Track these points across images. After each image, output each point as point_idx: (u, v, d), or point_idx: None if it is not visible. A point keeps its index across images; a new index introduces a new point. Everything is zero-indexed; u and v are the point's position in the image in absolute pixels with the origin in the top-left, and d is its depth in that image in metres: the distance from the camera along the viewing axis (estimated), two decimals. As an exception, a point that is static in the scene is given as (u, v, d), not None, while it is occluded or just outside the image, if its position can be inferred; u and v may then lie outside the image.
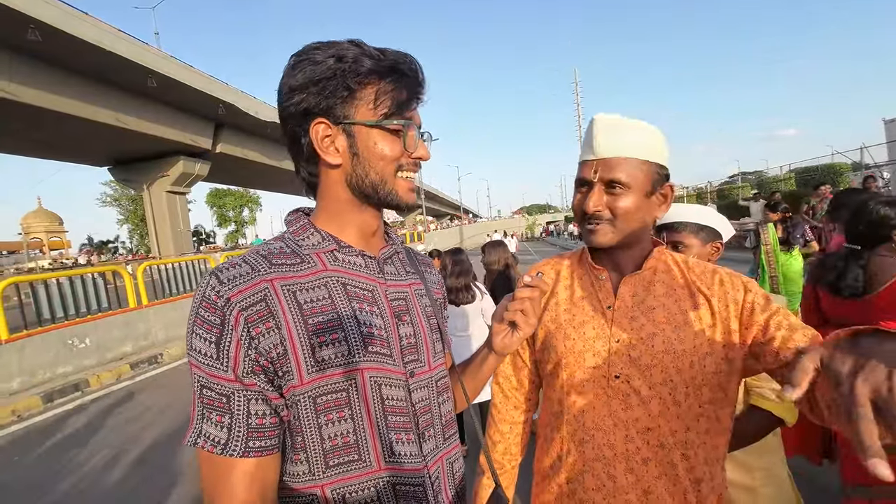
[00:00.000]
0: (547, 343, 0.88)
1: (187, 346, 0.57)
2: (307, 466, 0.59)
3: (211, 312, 0.55)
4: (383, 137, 0.63)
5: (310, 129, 0.62)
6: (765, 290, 0.81)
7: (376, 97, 0.61)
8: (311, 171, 0.66)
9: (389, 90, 0.62)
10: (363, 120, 0.62)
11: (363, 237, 0.68)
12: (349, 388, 0.60)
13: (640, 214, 0.80)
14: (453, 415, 0.75)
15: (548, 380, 0.91)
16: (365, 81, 0.61)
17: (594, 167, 0.79)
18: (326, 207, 0.67)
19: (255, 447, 0.56)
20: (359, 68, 0.60)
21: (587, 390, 0.82)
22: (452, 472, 0.71)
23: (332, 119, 0.61)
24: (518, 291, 0.74)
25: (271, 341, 0.56)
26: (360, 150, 0.63)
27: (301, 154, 0.64)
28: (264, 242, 0.65)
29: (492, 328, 0.79)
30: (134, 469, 3.26)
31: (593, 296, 0.86)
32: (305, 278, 0.61)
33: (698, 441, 0.78)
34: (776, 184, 17.84)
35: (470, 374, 0.83)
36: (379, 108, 0.62)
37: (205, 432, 0.55)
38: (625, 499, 0.77)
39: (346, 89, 0.60)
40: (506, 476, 0.98)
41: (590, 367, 0.82)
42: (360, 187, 0.64)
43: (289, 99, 0.61)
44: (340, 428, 0.59)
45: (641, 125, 0.79)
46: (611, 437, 0.79)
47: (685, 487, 0.77)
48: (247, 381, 0.55)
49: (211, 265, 8.98)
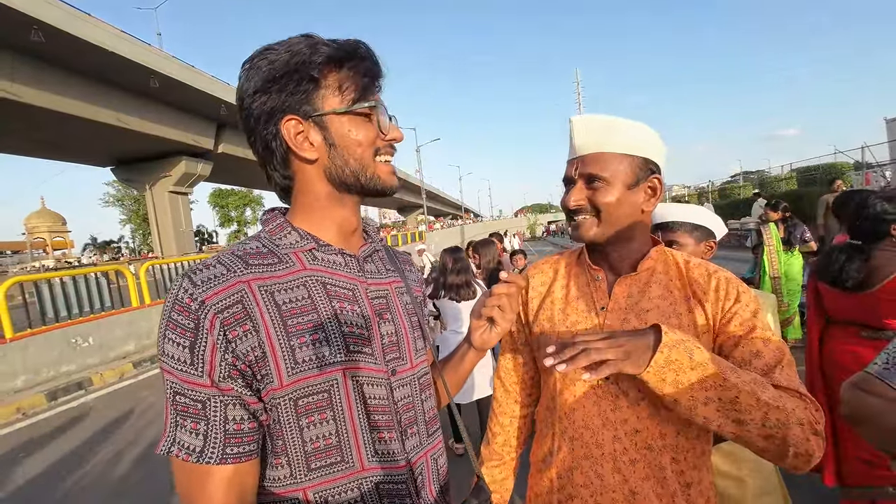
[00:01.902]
0: (542, 341, 0.89)
1: (159, 351, 0.55)
2: (289, 470, 0.58)
3: (184, 316, 0.53)
4: (356, 123, 0.62)
5: (280, 128, 0.60)
6: (757, 298, 0.82)
7: (340, 84, 0.60)
8: (285, 174, 0.64)
9: (352, 75, 0.61)
10: (333, 108, 0.60)
11: (342, 235, 0.67)
12: (331, 389, 0.58)
13: (625, 208, 0.80)
14: (436, 411, 0.75)
15: (543, 377, 0.93)
16: (326, 70, 0.60)
17: (575, 164, 0.82)
18: (304, 205, 0.65)
19: (233, 453, 0.54)
20: (317, 58, 0.59)
21: (578, 390, 0.83)
22: (437, 468, 0.70)
23: (302, 114, 0.60)
24: (495, 288, 0.75)
25: (249, 344, 0.54)
26: (335, 139, 0.61)
27: (273, 157, 0.62)
28: (239, 242, 0.64)
29: (471, 324, 0.80)
30: (137, 465, 3.29)
31: (588, 296, 0.87)
32: (283, 278, 0.59)
33: (688, 445, 0.78)
34: (777, 183, 17.82)
35: (451, 369, 0.83)
36: (345, 94, 0.61)
37: (179, 440, 0.53)
38: (611, 497, 0.78)
39: (310, 80, 0.59)
40: (505, 467, 1.00)
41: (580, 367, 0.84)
42: (341, 178, 0.63)
43: (251, 103, 0.60)
44: (322, 430, 0.58)
45: (620, 122, 0.80)
46: (599, 436, 0.80)
47: (674, 490, 0.77)
48: (223, 386, 0.53)
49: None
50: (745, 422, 0.65)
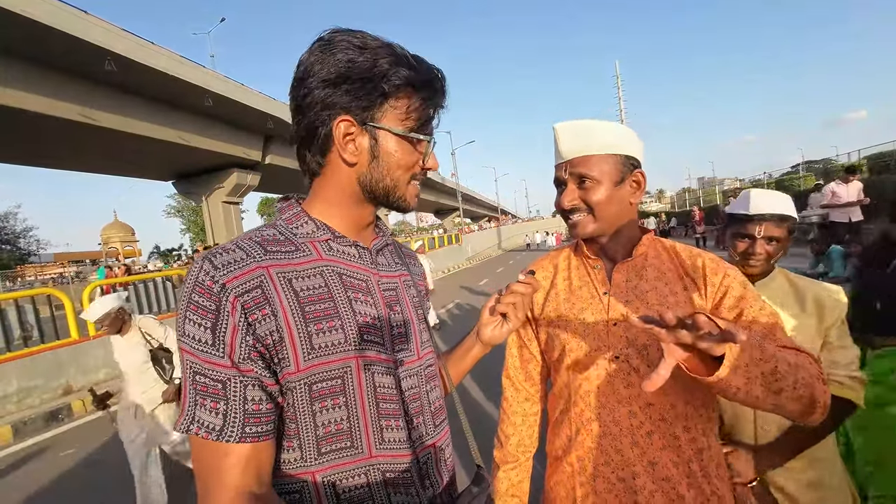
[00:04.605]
0: (551, 332, 0.94)
1: (178, 331, 0.55)
2: (299, 453, 0.59)
3: (206, 298, 0.54)
4: (404, 146, 0.63)
5: (333, 123, 0.60)
6: (743, 278, 0.87)
7: (408, 109, 0.62)
8: (319, 161, 0.64)
9: (421, 104, 0.62)
10: (391, 127, 0.62)
11: (356, 228, 0.68)
12: (344, 376, 0.60)
13: (615, 203, 0.86)
14: (442, 402, 0.75)
15: (555, 366, 0.96)
16: (400, 91, 0.61)
17: (564, 167, 0.88)
18: (326, 198, 0.66)
19: (252, 433, 0.55)
20: (396, 78, 0.59)
21: (591, 372, 0.88)
22: (443, 459, 0.70)
23: (359, 119, 0.61)
24: (512, 285, 0.78)
25: (267, 328, 0.55)
26: (380, 154, 0.63)
27: (313, 143, 0.63)
28: (255, 228, 0.65)
29: (480, 319, 0.82)
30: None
31: (590, 284, 0.92)
32: (301, 266, 0.60)
33: (696, 414, 0.84)
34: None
35: (454, 361, 0.85)
36: (408, 119, 0.62)
37: (198, 418, 0.54)
38: (632, 470, 0.82)
39: (381, 95, 0.60)
40: (521, 469, 1.01)
41: (592, 350, 0.88)
42: (372, 188, 0.65)
43: (315, 87, 0.59)
44: (334, 415, 0.59)
45: (599, 124, 0.86)
46: (616, 413, 0.85)
47: (689, 457, 0.82)
48: (243, 368, 0.55)
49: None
50: (783, 389, 0.68)
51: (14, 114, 12.48)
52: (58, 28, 10.97)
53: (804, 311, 1.13)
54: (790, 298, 1.16)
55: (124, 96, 15.14)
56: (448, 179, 43.54)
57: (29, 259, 36.56)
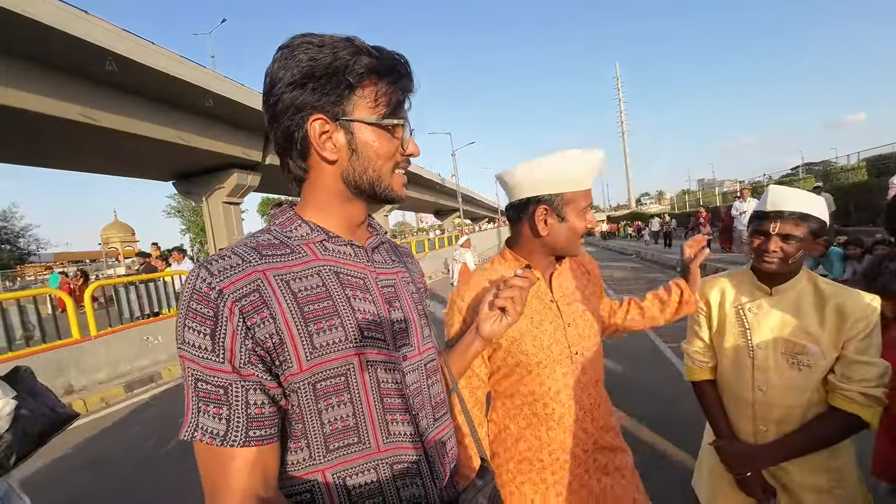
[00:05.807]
0: (514, 349, 1.01)
1: (178, 339, 0.55)
2: (307, 452, 0.59)
3: (203, 305, 0.54)
4: (381, 136, 0.64)
5: (307, 124, 0.61)
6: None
7: (376, 96, 0.62)
8: (302, 166, 0.65)
9: (388, 90, 0.62)
10: (364, 118, 0.62)
11: (350, 228, 0.69)
12: (348, 373, 0.60)
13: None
14: (444, 396, 0.76)
15: (519, 380, 1.02)
16: (364, 80, 0.61)
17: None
18: (315, 200, 0.67)
19: (256, 436, 0.55)
20: (359, 67, 0.60)
21: (558, 373, 1.01)
22: (446, 451, 0.71)
23: (331, 115, 0.61)
24: (511, 279, 0.79)
25: (267, 331, 0.55)
26: (358, 146, 0.63)
27: (292, 148, 0.63)
28: (250, 234, 0.65)
29: (480, 314, 0.83)
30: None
31: (537, 297, 1.05)
32: (297, 267, 0.61)
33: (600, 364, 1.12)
34: (844, 174, 16.32)
35: (455, 357, 0.86)
36: (378, 106, 0.62)
37: (202, 425, 0.54)
38: (593, 438, 1.05)
39: (348, 87, 0.60)
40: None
41: (557, 354, 1.02)
42: (357, 183, 0.65)
43: (282, 93, 0.60)
44: (340, 412, 0.59)
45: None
46: (582, 401, 1.04)
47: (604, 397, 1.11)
48: (244, 372, 0.55)
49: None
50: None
51: (15, 114, 12.46)
52: (59, 28, 10.97)
53: (821, 320, 1.08)
54: (809, 306, 1.10)
55: (125, 96, 15.14)
56: (448, 180, 43.58)
57: (29, 259, 36.50)
